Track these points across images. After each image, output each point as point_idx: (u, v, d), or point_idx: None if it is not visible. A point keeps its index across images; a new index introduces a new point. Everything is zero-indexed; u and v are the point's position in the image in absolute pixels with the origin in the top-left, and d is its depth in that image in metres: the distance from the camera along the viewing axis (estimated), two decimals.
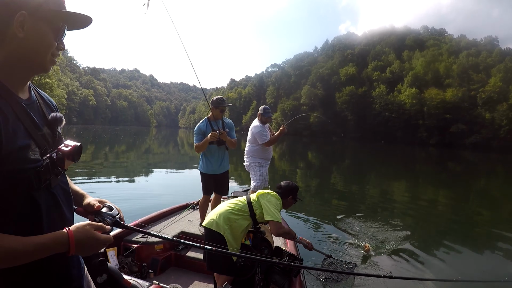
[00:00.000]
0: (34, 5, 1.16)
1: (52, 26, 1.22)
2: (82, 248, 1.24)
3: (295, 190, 3.96)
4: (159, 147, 40.52)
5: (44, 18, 1.19)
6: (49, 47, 1.24)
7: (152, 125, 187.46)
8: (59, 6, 1.23)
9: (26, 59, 1.21)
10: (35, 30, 1.18)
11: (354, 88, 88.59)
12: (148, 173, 17.23)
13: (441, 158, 41.75)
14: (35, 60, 1.24)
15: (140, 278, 3.05)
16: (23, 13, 1.14)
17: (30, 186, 1.18)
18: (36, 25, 1.18)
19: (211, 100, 5.49)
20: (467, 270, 6.30)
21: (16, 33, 1.15)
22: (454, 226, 9.79)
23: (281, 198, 3.86)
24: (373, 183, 18.09)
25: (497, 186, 19.46)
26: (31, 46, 1.20)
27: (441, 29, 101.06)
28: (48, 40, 1.22)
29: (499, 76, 65.35)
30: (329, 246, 7.00)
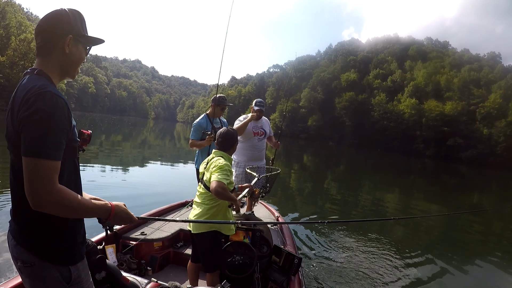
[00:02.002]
0: (77, 32, 1.70)
1: (84, 46, 1.77)
2: (116, 218, 1.73)
3: (236, 137, 3.72)
4: (155, 139, 40.42)
5: (81, 41, 1.73)
6: (81, 61, 1.77)
7: (150, 117, 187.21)
8: (87, 32, 1.77)
9: (65, 68, 1.73)
10: (76, 49, 1.71)
11: (354, 95, 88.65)
12: (143, 167, 17.11)
13: (436, 170, 41.86)
14: (70, 70, 1.76)
15: (139, 276, 3.05)
16: (70, 37, 1.66)
17: (75, 154, 1.70)
18: (77, 46, 1.72)
19: (213, 97, 5.51)
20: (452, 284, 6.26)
21: (64, 49, 1.66)
22: (444, 239, 9.77)
23: (226, 150, 3.62)
24: (366, 191, 18.08)
25: (490, 203, 19.45)
26: (71, 60, 1.72)
27: (444, 42, 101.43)
28: (82, 56, 1.76)
29: (499, 92, 65.59)
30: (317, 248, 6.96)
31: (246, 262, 3.53)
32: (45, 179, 1.43)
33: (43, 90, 1.49)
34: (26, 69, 14.79)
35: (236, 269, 3.50)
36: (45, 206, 1.44)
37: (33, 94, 1.48)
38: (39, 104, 1.46)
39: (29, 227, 1.59)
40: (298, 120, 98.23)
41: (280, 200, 11.78)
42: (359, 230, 8.66)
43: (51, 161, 1.46)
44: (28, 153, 1.44)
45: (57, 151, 1.48)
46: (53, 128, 1.47)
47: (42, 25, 1.66)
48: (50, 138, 1.46)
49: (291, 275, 3.63)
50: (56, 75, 1.70)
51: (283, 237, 5.00)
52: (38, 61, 1.70)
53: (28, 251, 1.58)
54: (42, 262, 1.58)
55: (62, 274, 1.61)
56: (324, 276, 5.60)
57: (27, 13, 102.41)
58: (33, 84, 1.53)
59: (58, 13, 1.68)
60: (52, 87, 1.58)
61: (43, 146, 1.44)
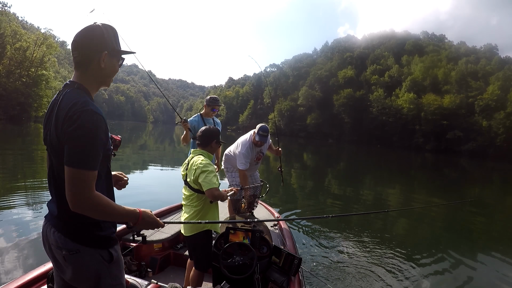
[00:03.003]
0: (112, 48, 1.88)
1: (117, 59, 1.95)
2: (143, 224, 1.96)
3: (215, 133, 3.73)
4: (154, 143, 40.39)
5: (115, 56, 1.92)
6: (115, 73, 1.97)
7: (149, 121, 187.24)
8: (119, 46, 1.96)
9: (100, 80, 1.91)
10: (110, 63, 1.90)
11: (352, 91, 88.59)
12: (143, 171, 17.09)
13: (437, 164, 41.83)
14: (105, 81, 1.95)
15: (139, 277, 3.05)
16: (105, 53, 1.84)
17: (109, 160, 1.92)
18: (111, 61, 1.90)
19: (205, 99, 5.83)
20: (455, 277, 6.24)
21: (100, 64, 1.84)
22: (446, 233, 9.76)
23: (204, 147, 3.67)
24: (367, 187, 18.07)
25: (492, 195, 19.45)
26: (106, 73, 1.91)
27: (441, 35, 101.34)
28: (116, 69, 1.96)
29: (497, 84, 65.52)
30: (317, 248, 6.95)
31: (246, 263, 3.52)
32: (85, 187, 1.66)
33: (85, 108, 1.69)
34: (22, 77, 14.82)
35: (236, 270, 3.49)
36: (83, 209, 1.69)
37: (77, 111, 1.68)
38: (82, 121, 1.66)
39: (73, 221, 1.81)
40: (297, 119, 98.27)
41: (281, 199, 11.76)
42: (359, 230, 8.62)
43: (91, 171, 1.68)
44: (71, 164, 1.66)
45: (96, 163, 1.71)
46: (94, 143, 1.69)
47: (78, 40, 1.83)
48: (91, 152, 1.69)
49: (291, 276, 3.62)
50: (94, 87, 1.90)
51: (283, 238, 4.99)
52: (76, 74, 1.88)
53: (73, 240, 1.81)
54: (86, 248, 1.82)
55: (103, 256, 1.86)
56: (324, 276, 5.57)
57: (22, 21, 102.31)
58: (76, 100, 1.73)
59: (92, 29, 1.84)
60: (92, 103, 1.76)
61: (84, 158, 1.67)
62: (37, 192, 9.99)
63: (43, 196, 9.39)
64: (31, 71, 57.76)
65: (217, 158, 6.08)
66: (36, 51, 58.83)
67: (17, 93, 52.57)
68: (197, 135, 3.74)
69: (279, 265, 3.70)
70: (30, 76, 57.11)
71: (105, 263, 1.88)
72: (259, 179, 6.04)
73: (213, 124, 5.76)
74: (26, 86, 55.15)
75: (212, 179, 3.37)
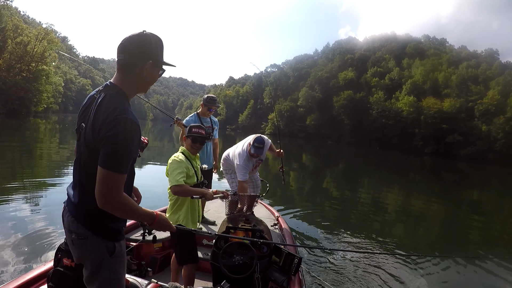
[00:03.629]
0: (156, 58, 2.00)
1: (159, 70, 2.07)
2: (158, 225, 2.14)
3: (191, 131, 3.77)
4: (154, 141, 40.35)
5: (157, 66, 2.04)
6: (153, 83, 2.10)
7: (148, 118, 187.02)
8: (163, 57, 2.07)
9: (140, 86, 2.05)
10: (152, 73, 2.02)
11: (352, 93, 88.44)
12: (142, 168, 17.03)
13: (436, 167, 41.85)
14: (145, 88, 2.09)
15: (139, 277, 3.08)
16: (150, 62, 1.96)
17: (135, 161, 2.05)
18: (154, 70, 2.02)
19: (203, 98, 5.81)
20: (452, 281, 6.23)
21: (143, 71, 1.97)
22: (444, 236, 9.77)
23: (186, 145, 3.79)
24: (366, 189, 18.08)
25: (490, 199, 19.47)
26: (147, 81, 2.05)
27: (442, 39, 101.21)
28: (155, 78, 2.07)
29: (497, 89, 65.45)
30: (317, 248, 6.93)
31: (246, 262, 3.52)
32: (114, 188, 1.81)
33: (124, 116, 1.82)
34: (22, 72, 14.83)
35: (236, 270, 3.49)
36: (110, 209, 1.85)
37: (116, 118, 1.80)
38: (120, 129, 1.79)
39: (89, 211, 1.95)
40: (297, 120, 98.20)
41: (280, 199, 11.76)
42: (359, 229, 8.65)
43: (122, 174, 1.83)
44: (106, 166, 1.79)
45: (127, 167, 1.86)
46: (129, 150, 1.84)
47: (127, 44, 1.95)
48: (125, 157, 1.84)
49: (291, 275, 3.61)
50: (132, 92, 2.04)
51: (283, 237, 4.97)
52: (118, 77, 2.01)
53: (84, 226, 1.97)
54: (94, 236, 1.97)
55: (108, 247, 1.99)
56: (324, 276, 5.58)
57: (24, 16, 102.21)
58: (115, 106, 1.86)
59: (143, 37, 1.97)
60: (131, 111, 1.88)
61: (118, 163, 1.81)
62: (35, 188, 9.95)
63: (41, 192, 9.36)
64: (31, 66, 57.71)
65: (215, 159, 6.07)
66: (37, 46, 58.78)
67: (17, 88, 52.56)
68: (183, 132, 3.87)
69: (279, 265, 3.69)
70: (30, 71, 57.13)
71: (107, 255, 1.99)
72: (259, 179, 6.01)
73: (210, 123, 5.80)
74: (26, 80, 55.14)
75: (176, 176, 3.50)
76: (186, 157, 3.70)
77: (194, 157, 3.81)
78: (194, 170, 3.71)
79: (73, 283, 2.44)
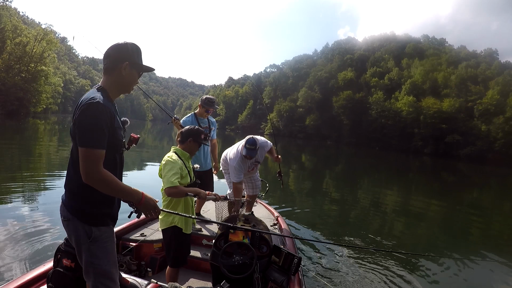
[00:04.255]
0: (133, 60, 2.29)
1: (137, 71, 2.35)
2: (144, 206, 2.30)
3: (193, 132, 3.81)
4: (153, 141, 40.34)
5: (135, 67, 2.31)
6: (134, 83, 2.38)
7: (148, 119, 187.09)
8: (142, 61, 2.36)
9: (121, 86, 2.32)
10: (130, 72, 2.30)
11: (351, 93, 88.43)
12: (141, 169, 17.05)
13: (435, 167, 41.85)
14: (126, 88, 2.35)
15: (139, 277, 3.09)
16: (127, 63, 2.25)
17: (117, 149, 2.28)
18: (132, 71, 2.30)
19: (201, 98, 5.76)
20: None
21: (122, 71, 2.26)
22: (444, 236, 9.78)
23: (182, 144, 3.79)
24: (365, 189, 18.08)
25: (489, 199, 19.47)
26: (126, 81, 2.32)
27: (441, 39, 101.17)
28: (135, 79, 2.36)
29: (497, 89, 65.47)
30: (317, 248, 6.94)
31: (246, 262, 3.51)
32: (92, 163, 2.02)
33: (92, 100, 2.07)
34: (21, 72, 15.07)
35: (236, 270, 3.48)
36: (92, 182, 2.04)
37: (85, 103, 2.06)
38: (87, 110, 2.04)
39: (72, 194, 2.20)
40: (296, 120, 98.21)
41: (280, 199, 11.75)
42: (359, 229, 8.64)
43: (97, 149, 2.03)
44: (81, 144, 2.03)
45: (101, 142, 2.05)
46: (97, 126, 2.04)
47: (109, 51, 2.27)
48: (96, 133, 2.04)
49: (291, 275, 3.61)
50: (114, 90, 2.30)
51: (283, 237, 4.97)
52: (102, 79, 2.30)
53: (67, 209, 2.20)
54: (74, 219, 2.17)
55: (86, 231, 2.17)
56: (324, 276, 5.57)
57: (23, 16, 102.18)
58: (87, 96, 2.13)
59: (121, 44, 2.29)
60: (100, 97, 2.11)
61: (90, 139, 2.03)
62: (35, 188, 9.95)
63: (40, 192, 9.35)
64: (30, 66, 57.62)
65: (214, 160, 6.06)
66: (36, 47, 58.72)
67: (16, 88, 52.41)
68: (178, 133, 3.89)
69: (279, 265, 3.68)
70: (29, 72, 56.96)
71: (86, 238, 2.17)
72: (259, 179, 5.99)
73: (208, 123, 5.76)
74: (25, 81, 54.97)
75: (171, 177, 3.46)
76: (179, 156, 3.68)
77: (187, 157, 3.78)
78: (187, 170, 3.69)
79: (72, 283, 2.44)
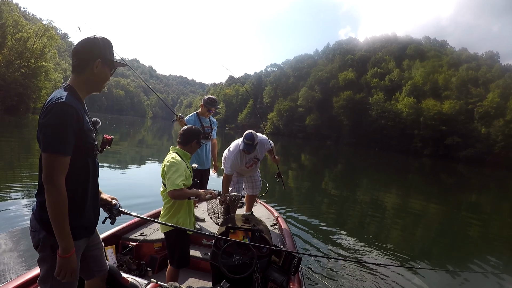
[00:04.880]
0: (105, 57, 2.15)
1: (110, 68, 2.22)
2: (65, 261, 1.97)
3: (197, 133, 3.78)
4: (153, 139, 40.34)
5: (107, 64, 2.18)
6: (106, 80, 2.24)
7: (148, 116, 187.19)
8: (114, 57, 2.24)
9: (92, 84, 2.18)
10: (102, 70, 2.16)
11: (351, 94, 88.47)
12: (141, 167, 17.06)
13: (434, 169, 41.87)
14: (97, 86, 2.21)
15: (139, 276, 3.08)
16: (99, 61, 2.12)
17: (89, 153, 2.11)
18: (103, 68, 2.16)
19: (203, 98, 5.84)
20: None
21: (93, 69, 2.11)
22: (442, 237, 9.77)
23: (184, 146, 3.74)
24: (365, 189, 18.08)
25: (488, 201, 19.47)
26: (98, 79, 2.18)
27: (442, 41, 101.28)
28: (107, 76, 2.22)
29: (497, 91, 65.54)
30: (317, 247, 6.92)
31: (246, 262, 3.51)
32: (53, 169, 1.87)
33: (57, 101, 1.90)
34: (22, 68, 15.03)
35: (236, 269, 3.48)
36: (47, 188, 1.88)
37: (50, 104, 1.90)
38: (51, 112, 1.88)
39: (42, 204, 1.96)
40: (296, 119, 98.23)
41: (280, 199, 11.74)
42: (358, 229, 8.65)
43: (60, 156, 1.88)
44: (44, 149, 1.89)
45: (65, 148, 1.89)
46: (63, 130, 1.88)
47: (77, 48, 2.12)
48: (59, 138, 1.87)
49: (291, 275, 3.59)
50: (84, 90, 2.14)
51: (283, 237, 4.96)
52: (71, 77, 2.13)
53: (35, 219, 2.06)
54: (41, 229, 2.03)
55: (51, 243, 2.00)
56: (324, 276, 5.56)
57: (24, 12, 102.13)
58: (53, 96, 1.96)
59: (91, 40, 2.13)
60: (68, 97, 1.95)
61: (53, 144, 1.86)
62: (34, 186, 9.91)
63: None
64: (31, 62, 57.57)
65: (214, 159, 6.07)
66: (37, 42, 58.69)
67: (16, 84, 52.42)
68: (179, 133, 3.81)
69: (279, 265, 3.67)
70: (29, 67, 56.95)
71: (50, 250, 2.03)
72: (259, 180, 5.93)
73: (209, 123, 5.82)
74: (25, 77, 55.03)
75: (176, 180, 3.37)
76: (181, 157, 3.63)
77: (188, 158, 3.75)
78: (189, 171, 3.65)
79: None
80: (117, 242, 4.31)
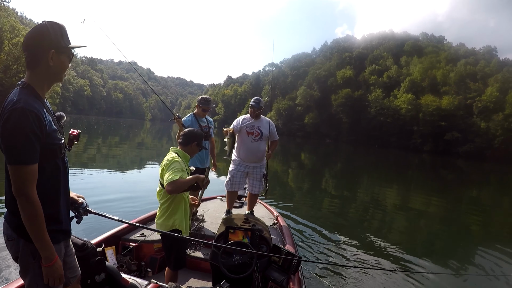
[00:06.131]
0: (59, 45, 1.92)
1: (67, 55, 1.99)
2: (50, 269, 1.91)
3: (199, 136, 3.77)
4: (152, 141, 40.32)
5: (63, 52, 1.96)
6: (65, 69, 2.02)
7: (147, 118, 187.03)
8: (69, 42, 1.99)
9: (51, 77, 1.99)
10: (59, 60, 1.94)
11: (350, 91, 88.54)
12: (141, 169, 17.01)
13: (434, 165, 41.88)
14: (56, 78, 2.01)
15: (139, 277, 3.08)
16: (53, 51, 1.89)
17: (56, 155, 1.96)
18: (59, 58, 1.94)
19: (197, 99, 6.00)
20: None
21: (48, 62, 1.90)
22: (443, 234, 9.76)
23: (184, 146, 3.72)
24: (365, 187, 18.07)
25: (489, 196, 19.48)
26: (56, 70, 1.97)
27: (440, 37, 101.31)
28: (65, 65, 2.00)
29: (496, 86, 65.56)
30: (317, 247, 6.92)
31: (246, 262, 3.51)
32: (21, 181, 1.77)
33: (15, 106, 1.75)
34: (19, 73, 15.06)
35: (236, 269, 3.48)
36: (19, 201, 1.78)
37: (7, 110, 1.75)
38: (10, 120, 1.73)
39: (13, 211, 1.88)
40: (295, 118, 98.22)
41: (280, 198, 11.73)
42: (359, 227, 8.64)
43: (26, 166, 1.76)
44: (9, 162, 1.77)
45: (31, 157, 1.77)
46: (24, 138, 1.74)
47: (27, 41, 1.91)
48: (22, 147, 1.74)
49: (291, 275, 3.60)
50: (44, 85, 1.96)
51: (283, 237, 4.96)
52: (27, 74, 1.94)
53: (11, 228, 1.95)
54: (19, 238, 1.93)
55: (31, 250, 1.91)
56: (324, 275, 5.55)
57: (21, 16, 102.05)
58: (10, 99, 1.81)
59: (40, 29, 1.91)
60: (25, 101, 1.78)
61: (17, 154, 1.75)
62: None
63: None
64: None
65: (213, 158, 6.09)
66: None
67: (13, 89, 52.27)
68: (180, 134, 3.82)
69: (279, 264, 3.67)
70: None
71: (31, 257, 1.93)
72: (261, 180, 5.84)
73: (206, 123, 5.93)
74: None
75: (170, 174, 3.32)
76: (181, 158, 3.62)
77: (188, 159, 3.74)
78: (187, 172, 3.64)
79: None
80: (117, 242, 4.31)
